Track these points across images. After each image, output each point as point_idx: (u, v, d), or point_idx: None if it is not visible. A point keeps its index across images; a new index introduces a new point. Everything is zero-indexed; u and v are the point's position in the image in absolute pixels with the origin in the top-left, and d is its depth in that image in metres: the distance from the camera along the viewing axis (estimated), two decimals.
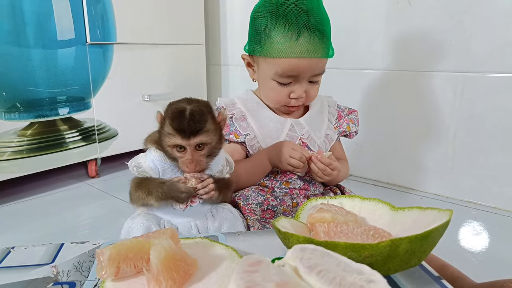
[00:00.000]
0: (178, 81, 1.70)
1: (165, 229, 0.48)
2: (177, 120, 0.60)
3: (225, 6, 1.88)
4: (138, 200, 0.65)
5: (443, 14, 1.24)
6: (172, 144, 0.62)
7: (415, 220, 0.47)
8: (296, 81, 0.79)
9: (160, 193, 0.62)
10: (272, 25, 0.76)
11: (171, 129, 0.61)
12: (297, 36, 0.74)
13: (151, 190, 0.63)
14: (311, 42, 0.74)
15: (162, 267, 0.40)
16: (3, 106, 1.20)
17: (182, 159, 0.63)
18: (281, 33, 0.75)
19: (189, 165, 0.62)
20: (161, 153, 0.65)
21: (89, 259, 0.53)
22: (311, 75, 0.79)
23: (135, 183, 0.67)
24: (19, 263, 0.52)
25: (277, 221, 0.49)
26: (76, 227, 1.13)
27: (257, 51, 0.80)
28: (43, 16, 1.24)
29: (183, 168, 0.63)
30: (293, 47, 0.74)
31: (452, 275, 0.63)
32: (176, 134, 0.60)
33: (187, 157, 0.62)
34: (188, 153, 0.62)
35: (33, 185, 1.43)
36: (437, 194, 1.35)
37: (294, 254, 0.33)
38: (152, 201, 0.63)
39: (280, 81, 0.79)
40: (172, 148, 0.62)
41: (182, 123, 0.60)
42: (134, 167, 0.66)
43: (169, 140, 0.61)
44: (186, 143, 0.61)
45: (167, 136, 0.61)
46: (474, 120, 1.23)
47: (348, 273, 0.32)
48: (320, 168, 0.78)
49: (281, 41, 0.75)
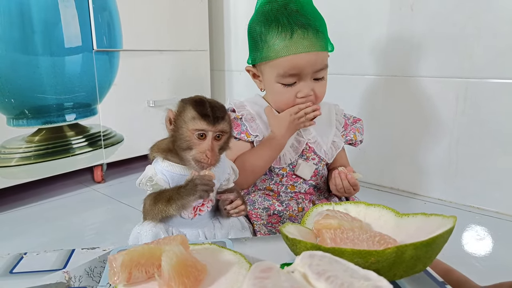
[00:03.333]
0: (182, 87, 1.72)
1: (175, 236, 0.49)
2: (201, 106, 0.60)
3: (228, 12, 1.90)
4: (158, 214, 0.63)
5: (446, 20, 1.25)
6: (195, 129, 0.60)
7: (420, 226, 0.48)
8: (299, 79, 0.80)
9: (182, 195, 0.61)
10: (266, 30, 0.79)
11: (195, 113, 0.60)
12: (291, 35, 0.76)
13: (171, 197, 0.61)
14: (306, 38, 0.77)
15: (173, 272, 0.41)
16: (11, 112, 1.22)
17: (200, 146, 0.61)
18: (275, 34, 0.77)
19: (208, 153, 0.60)
20: (168, 163, 0.65)
21: (100, 265, 0.54)
22: (313, 71, 0.80)
23: (151, 198, 0.65)
24: (32, 268, 0.53)
25: (284, 227, 0.50)
26: (83, 231, 1.14)
27: (258, 58, 0.82)
28: (51, 24, 1.26)
29: (201, 157, 0.61)
30: (289, 45, 0.76)
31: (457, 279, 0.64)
32: (201, 118, 0.60)
33: (206, 144, 0.61)
34: (208, 141, 0.61)
35: (40, 191, 1.44)
36: (440, 199, 1.35)
37: (303, 261, 0.34)
38: (172, 209, 0.61)
39: (283, 82, 0.81)
40: (192, 133, 0.61)
41: (206, 109, 0.60)
42: (147, 182, 0.64)
43: (192, 125, 0.60)
44: (211, 128, 0.60)
45: (190, 121, 0.60)
46: (477, 125, 1.24)
47: (356, 279, 0.32)
48: (345, 186, 0.80)
49: (276, 42, 0.77)
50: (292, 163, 0.86)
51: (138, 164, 1.73)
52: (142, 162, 1.74)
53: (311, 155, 0.86)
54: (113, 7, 1.42)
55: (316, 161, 0.86)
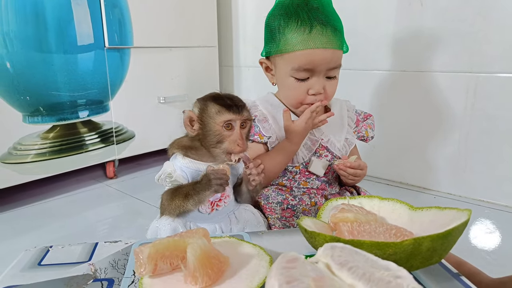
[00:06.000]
0: (192, 83, 1.74)
1: (197, 229, 0.50)
2: (221, 99, 0.64)
3: (237, 9, 1.90)
4: (175, 210, 0.65)
5: (455, 15, 1.25)
6: (223, 121, 0.63)
7: (434, 219, 0.50)
8: (313, 75, 0.81)
9: (197, 190, 0.62)
10: (285, 23, 0.79)
11: (219, 107, 0.63)
12: (310, 30, 0.77)
13: (188, 193, 0.63)
14: (324, 34, 0.78)
15: (198, 264, 0.43)
16: (27, 110, 1.24)
17: (230, 137, 0.64)
18: (295, 28, 0.78)
19: (240, 142, 0.64)
20: (189, 160, 0.66)
21: (123, 257, 0.56)
22: (327, 68, 0.81)
23: (168, 194, 0.66)
24: (59, 261, 0.56)
25: (301, 220, 0.52)
26: (97, 226, 1.17)
27: (273, 51, 0.83)
28: (64, 23, 1.28)
29: (233, 148, 0.64)
30: (307, 40, 0.77)
31: (469, 271, 0.66)
32: (226, 110, 0.63)
33: (236, 133, 0.64)
34: (236, 130, 0.64)
35: (55, 186, 1.47)
36: (450, 193, 1.36)
37: (325, 252, 0.36)
38: (190, 204, 0.63)
39: (297, 76, 0.81)
40: (221, 127, 0.63)
41: (227, 101, 0.64)
42: (167, 178, 0.66)
43: (219, 118, 0.63)
44: (238, 117, 0.63)
45: (216, 115, 0.63)
46: (486, 119, 1.25)
47: (376, 269, 0.34)
48: (351, 173, 0.82)
49: (295, 36, 0.78)
50: (305, 161, 0.87)
51: (150, 160, 1.75)
52: (153, 158, 1.76)
53: (324, 152, 0.87)
54: (124, 4, 1.43)
55: (329, 157, 0.88)
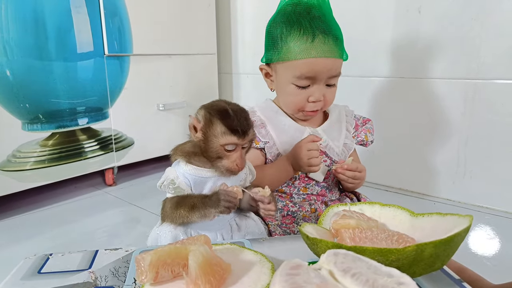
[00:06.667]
0: (191, 90, 1.74)
1: (198, 236, 0.50)
2: (229, 119, 0.62)
3: (236, 17, 1.92)
4: (179, 219, 0.65)
5: (453, 22, 1.26)
6: (225, 143, 0.62)
7: (435, 226, 0.50)
8: (313, 83, 0.82)
9: (205, 205, 0.62)
10: (288, 31, 0.80)
11: (224, 128, 0.62)
12: (312, 38, 0.78)
13: (195, 205, 0.63)
14: (326, 44, 0.78)
15: (200, 271, 0.43)
16: (26, 117, 1.24)
17: (230, 158, 0.63)
18: (297, 37, 0.79)
19: (239, 162, 0.63)
20: (192, 166, 0.66)
21: (124, 265, 0.56)
22: (328, 77, 0.82)
23: (173, 202, 0.66)
24: (59, 269, 0.55)
25: (303, 227, 0.52)
26: (96, 233, 1.16)
27: (275, 58, 0.84)
28: (64, 31, 1.28)
29: (231, 167, 0.64)
30: (309, 49, 0.78)
31: (470, 278, 0.65)
32: (231, 134, 0.62)
33: (237, 154, 0.64)
34: (238, 151, 0.64)
35: (54, 194, 1.46)
36: (449, 199, 1.36)
37: (328, 259, 0.36)
38: (195, 217, 0.63)
39: (298, 84, 0.82)
40: (222, 147, 0.63)
41: (234, 123, 0.62)
42: (170, 184, 0.65)
43: (222, 139, 0.62)
44: (241, 142, 0.63)
45: (220, 135, 0.62)
46: (485, 125, 1.25)
47: (379, 275, 0.34)
48: (350, 176, 0.82)
49: (297, 44, 0.79)
50: None
51: (149, 167, 1.75)
52: (152, 165, 1.76)
53: (322, 157, 0.87)
54: (124, 12, 1.44)
55: (328, 163, 0.88)
